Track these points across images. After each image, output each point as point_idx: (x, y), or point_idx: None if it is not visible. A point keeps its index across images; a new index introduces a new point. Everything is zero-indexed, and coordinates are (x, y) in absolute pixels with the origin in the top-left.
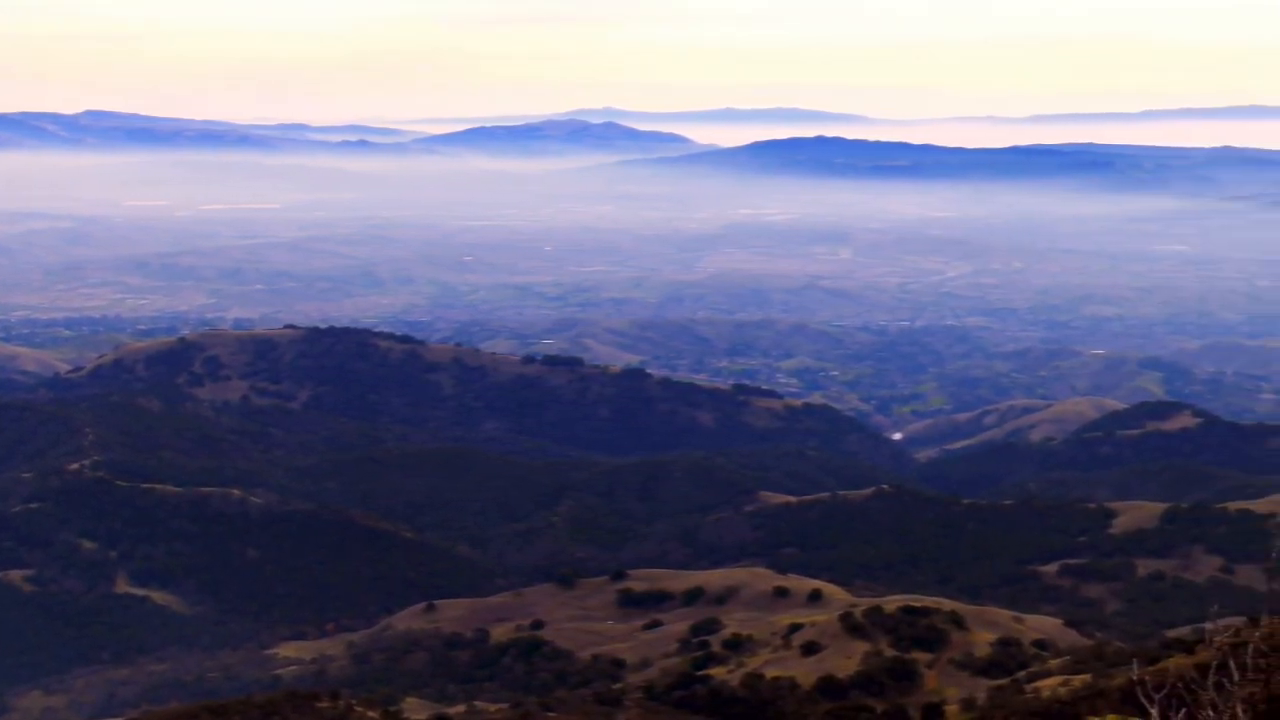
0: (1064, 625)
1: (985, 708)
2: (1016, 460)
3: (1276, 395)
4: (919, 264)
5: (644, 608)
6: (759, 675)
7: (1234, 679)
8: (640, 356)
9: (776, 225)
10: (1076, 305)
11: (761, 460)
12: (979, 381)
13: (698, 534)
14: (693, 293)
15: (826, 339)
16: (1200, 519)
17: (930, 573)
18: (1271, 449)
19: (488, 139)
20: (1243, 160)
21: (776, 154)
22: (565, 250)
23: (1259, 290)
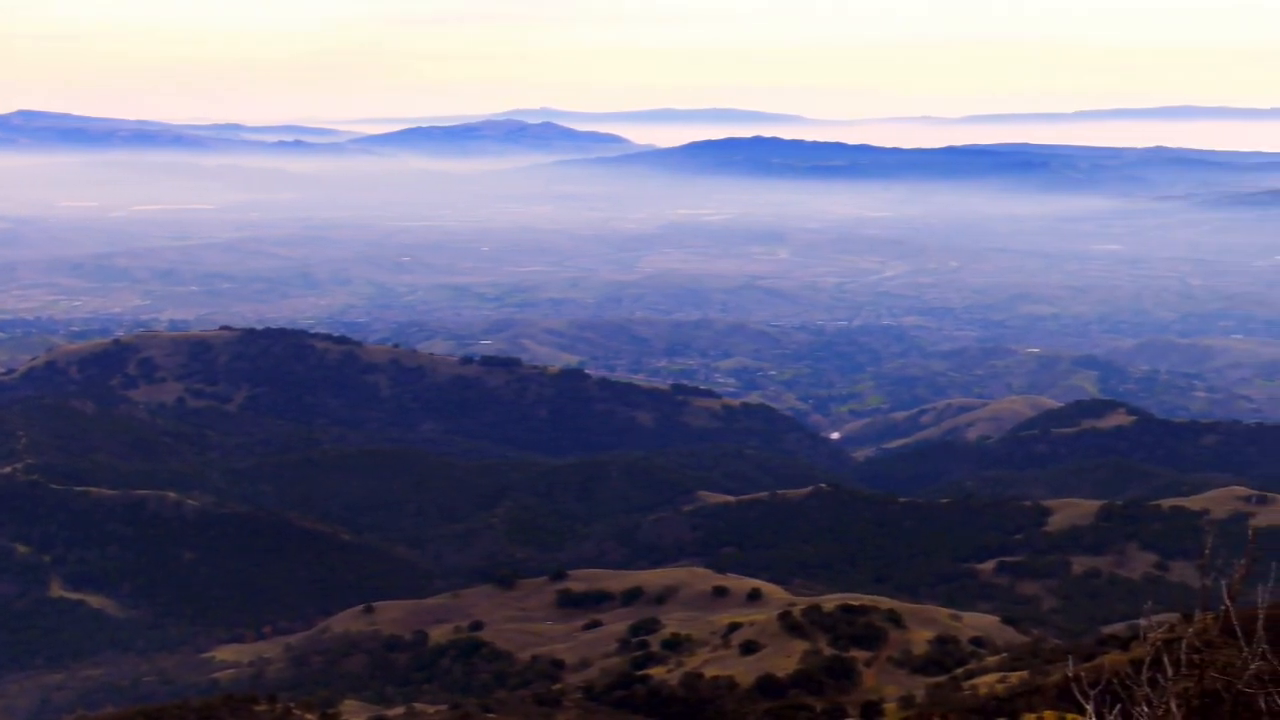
0: (1001, 622)
1: (923, 705)
2: (953, 459)
3: (1209, 393)
4: (856, 264)
5: (583, 608)
6: (698, 675)
7: (1168, 675)
8: (578, 357)
9: (714, 225)
10: (1012, 304)
11: (700, 460)
12: (916, 381)
13: (636, 534)
14: (631, 293)
15: (764, 339)
16: (1135, 516)
17: (868, 571)
18: (1205, 446)
19: (425, 139)
20: (1174, 160)
21: (714, 154)
22: (503, 250)
23: (1191, 289)
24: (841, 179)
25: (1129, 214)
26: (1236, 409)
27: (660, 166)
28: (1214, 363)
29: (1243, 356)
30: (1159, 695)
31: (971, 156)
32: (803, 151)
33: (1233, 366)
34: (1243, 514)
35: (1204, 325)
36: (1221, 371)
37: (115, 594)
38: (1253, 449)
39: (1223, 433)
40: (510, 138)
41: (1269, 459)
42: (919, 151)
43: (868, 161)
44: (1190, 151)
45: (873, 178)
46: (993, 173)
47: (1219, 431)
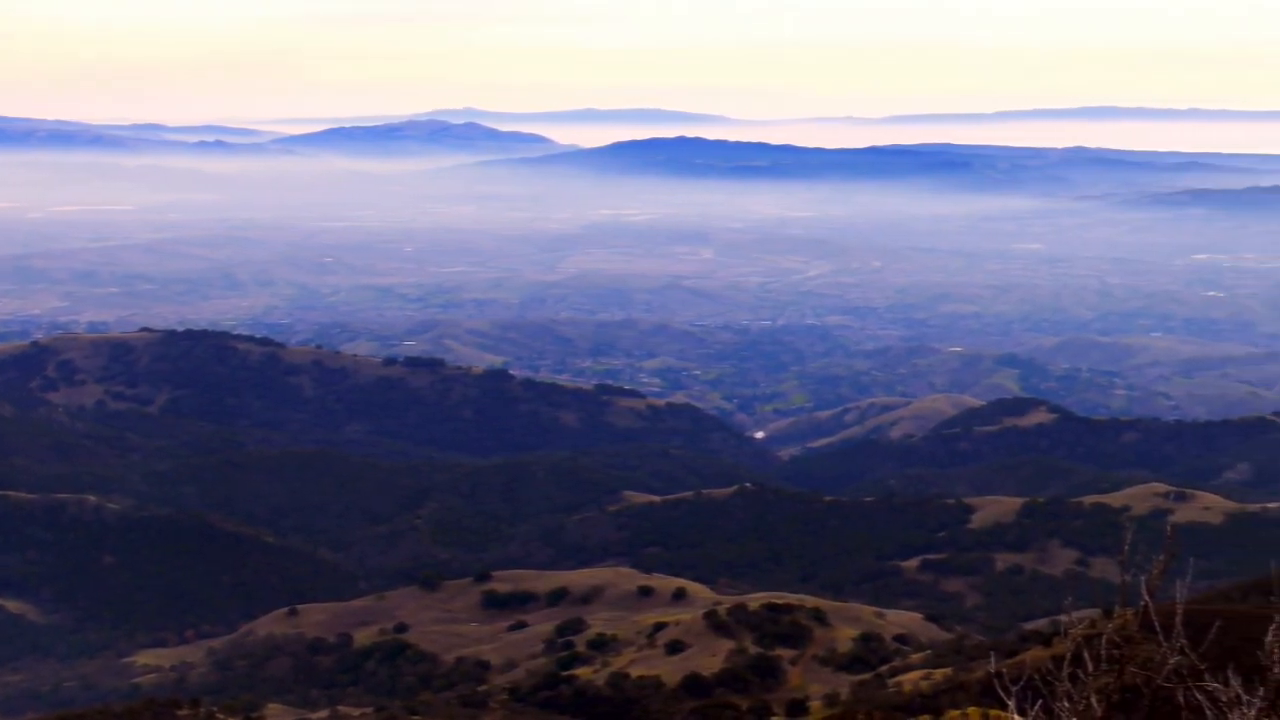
0: (925, 620)
1: (848, 703)
2: (877, 457)
3: (1129, 391)
4: (779, 263)
5: (508, 609)
6: (624, 674)
7: (1089, 670)
8: (503, 357)
9: (638, 225)
10: (934, 303)
11: (625, 460)
12: (840, 380)
13: (562, 534)
14: (555, 293)
15: (689, 338)
16: (1056, 513)
17: (793, 570)
18: (1125, 443)
19: (347, 139)
20: (1094, 160)
21: (637, 154)
22: (426, 251)
23: (1111, 288)
24: (765, 179)
25: (1049, 213)
26: (1156, 406)
27: (584, 166)
28: (1133, 361)
29: (1161, 354)
30: (1080, 691)
31: (894, 156)
32: (726, 151)
33: (1152, 364)
34: (1162, 510)
35: (1123, 324)
36: (1141, 369)
37: (35, 599)
38: (1171, 446)
39: (1142, 430)
40: (433, 138)
41: (1188, 456)
42: (842, 151)
43: (791, 161)
44: (1109, 152)
45: (796, 178)
46: (915, 173)
47: (1139, 429)
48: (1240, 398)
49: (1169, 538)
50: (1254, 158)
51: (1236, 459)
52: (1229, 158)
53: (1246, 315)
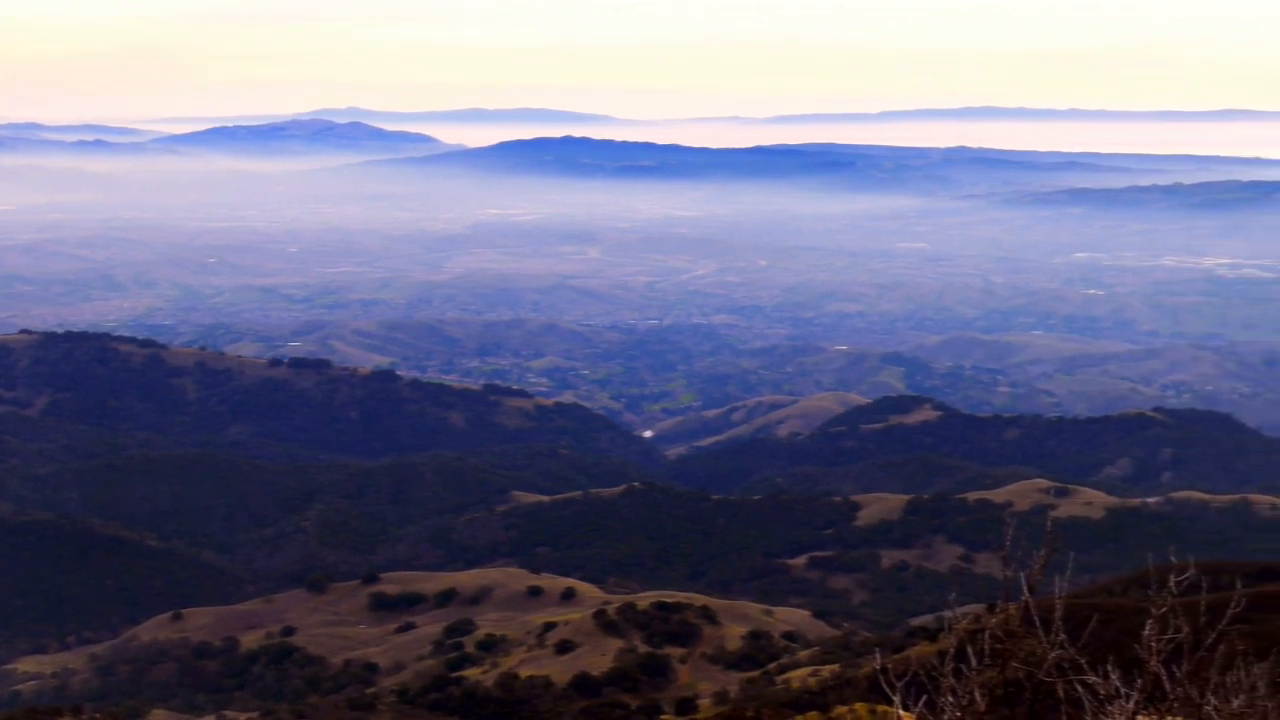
0: (812, 617)
1: (737, 700)
2: (764, 455)
3: (1012, 388)
4: (666, 263)
5: (397, 610)
6: (514, 675)
7: (972, 665)
8: (389, 358)
9: (525, 225)
10: (820, 302)
11: (514, 460)
12: (727, 378)
13: (450, 535)
14: (442, 293)
15: (576, 338)
16: (941, 509)
17: (682, 568)
18: (1008, 440)
19: (230, 139)
20: (976, 160)
21: (523, 154)
22: (311, 251)
23: (994, 286)
24: (651, 179)
25: (932, 212)
26: (1038, 403)
27: (470, 166)
28: (1015, 358)
29: (1043, 352)
30: (963, 685)
31: (779, 156)
32: (612, 151)
33: (1033, 362)
34: (1044, 506)
35: (1006, 321)
36: (1023, 367)
37: None
38: (1053, 442)
39: (1025, 427)
40: (318, 137)
41: (1069, 452)
42: (727, 151)
43: (677, 161)
44: (991, 151)
45: (682, 177)
46: (800, 172)
47: (1021, 425)
48: (1120, 394)
49: (1050, 533)
50: (1132, 158)
51: (1117, 455)
52: (1107, 158)
53: (1126, 313)
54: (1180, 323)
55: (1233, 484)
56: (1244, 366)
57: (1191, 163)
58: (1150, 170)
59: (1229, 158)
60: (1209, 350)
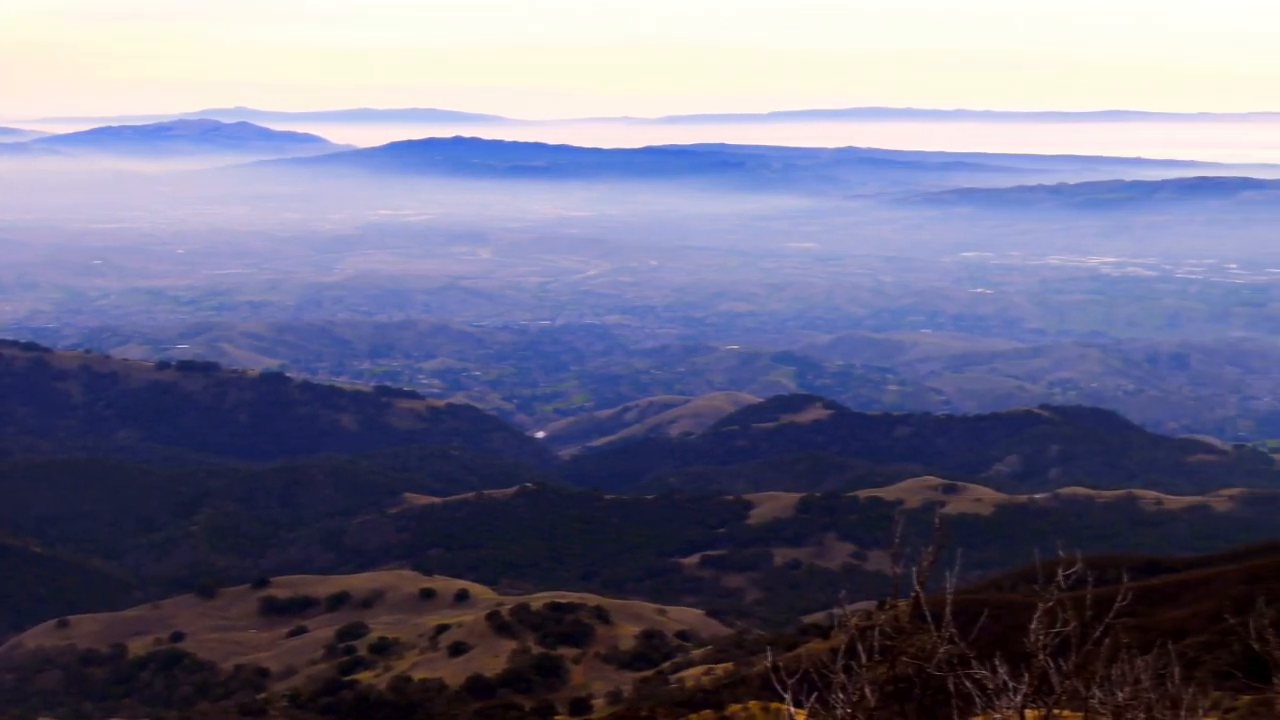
0: (706, 615)
1: (631, 700)
2: (657, 455)
3: (901, 386)
4: (558, 263)
5: (288, 615)
6: (407, 678)
7: (863, 661)
8: (279, 360)
9: (415, 226)
10: (712, 302)
11: (405, 461)
12: (619, 379)
13: (342, 538)
14: (332, 294)
15: (468, 339)
16: (833, 507)
17: (575, 569)
18: (898, 438)
19: (114, 139)
20: (865, 160)
21: (414, 154)
22: (199, 253)
23: (883, 285)
24: (542, 179)
25: (822, 212)
26: (927, 401)
27: (360, 167)
28: (905, 356)
29: (932, 350)
30: (854, 682)
31: (669, 157)
32: (503, 152)
33: (923, 360)
34: (934, 503)
35: (895, 320)
36: (912, 365)
37: None
38: (943, 440)
39: (914, 424)
40: (204, 137)
41: (958, 449)
42: (618, 152)
43: (568, 162)
44: (879, 152)
45: (573, 178)
46: (690, 172)
47: (911, 423)
48: (1008, 392)
49: (939, 530)
50: (1018, 158)
51: (1005, 451)
52: (994, 158)
53: (1013, 311)
54: (1066, 321)
55: (1118, 479)
56: (1128, 364)
57: (1076, 163)
58: (1036, 170)
59: (1112, 158)
60: (1094, 348)
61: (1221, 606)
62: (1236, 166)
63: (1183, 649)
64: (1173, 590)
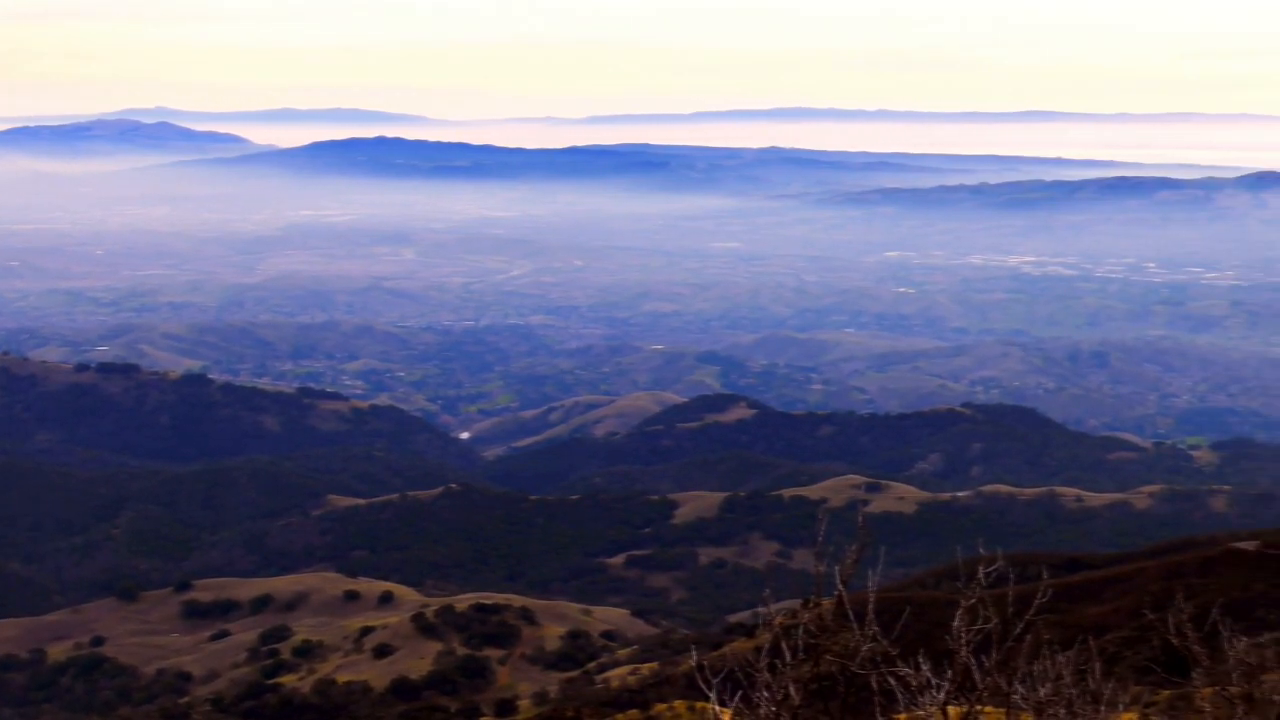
0: (631, 615)
1: (557, 701)
2: (582, 455)
3: (825, 385)
4: (482, 264)
5: (210, 618)
6: (331, 681)
7: (787, 660)
8: (201, 362)
9: (338, 226)
10: (636, 302)
11: (329, 463)
12: (544, 379)
13: (265, 540)
14: (254, 295)
15: (392, 340)
16: (757, 506)
17: (500, 569)
18: (822, 437)
19: (32, 139)
20: (788, 160)
21: (336, 154)
22: (119, 254)
23: (806, 285)
24: (465, 179)
25: (746, 212)
26: (851, 400)
27: (281, 167)
28: (829, 356)
29: (855, 350)
30: (779, 680)
31: (593, 157)
32: (426, 152)
33: (846, 359)
34: (858, 501)
35: (819, 320)
36: (836, 364)
37: None
38: (866, 439)
39: (838, 423)
40: (124, 138)
41: (882, 448)
42: (542, 152)
43: (491, 162)
44: (803, 151)
45: (496, 178)
46: (614, 173)
47: (835, 422)
48: (931, 390)
49: (861, 528)
50: (940, 158)
51: (928, 450)
52: (916, 158)
53: (935, 310)
54: (988, 319)
55: (1040, 477)
56: (1049, 362)
57: (997, 163)
58: (958, 170)
59: (1033, 158)
60: (1016, 346)
61: (1141, 602)
62: (1155, 167)
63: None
64: (1093, 587)
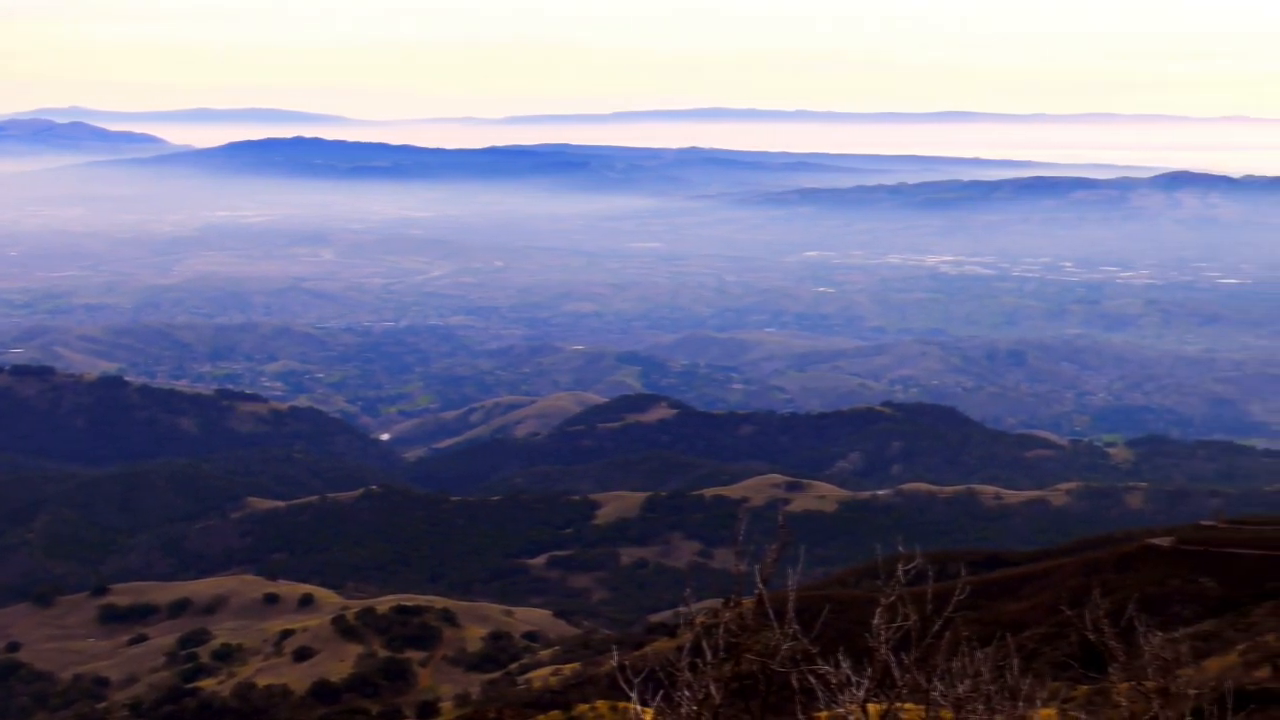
0: (553, 616)
1: (479, 702)
2: (503, 456)
3: (746, 385)
4: (401, 264)
5: (128, 622)
6: (251, 684)
7: (707, 659)
8: (117, 364)
9: (256, 227)
10: (557, 302)
11: (248, 465)
12: (465, 380)
13: (183, 543)
14: (171, 296)
15: (311, 341)
16: (679, 506)
17: (422, 571)
18: (743, 436)
19: None
20: (708, 160)
21: (254, 154)
22: (33, 256)
23: (726, 285)
24: (385, 179)
25: (666, 213)
26: (771, 400)
27: (198, 167)
28: (749, 356)
29: (776, 349)
30: (700, 679)
31: (513, 157)
32: (345, 152)
33: (767, 359)
34: (779, 500)
35: (739, 320)
36: (757, 364)
37: None
38: (787, 438)
39: (759, 423)
40: (37, 137)
41: (802, 447)
42: (461, 152)
43: (410, 162)
44: (723, 152)
45: (416, 178)
46: (534, 173)
47: (755, 421)
48: (850, 389)
49: (782, 527)
50: (858, 158)
51: (848, 449)
52: (835, 158)
53: (855, 310)
54: (906, 319)
55: (959, 475)
56: (967, 361)
57: (915, 163)
58: (876, 170)
59: (950, 158)
60: (934, 345)
61: (1059, 598)
62: (1071, 167)
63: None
64: (1012, 584)
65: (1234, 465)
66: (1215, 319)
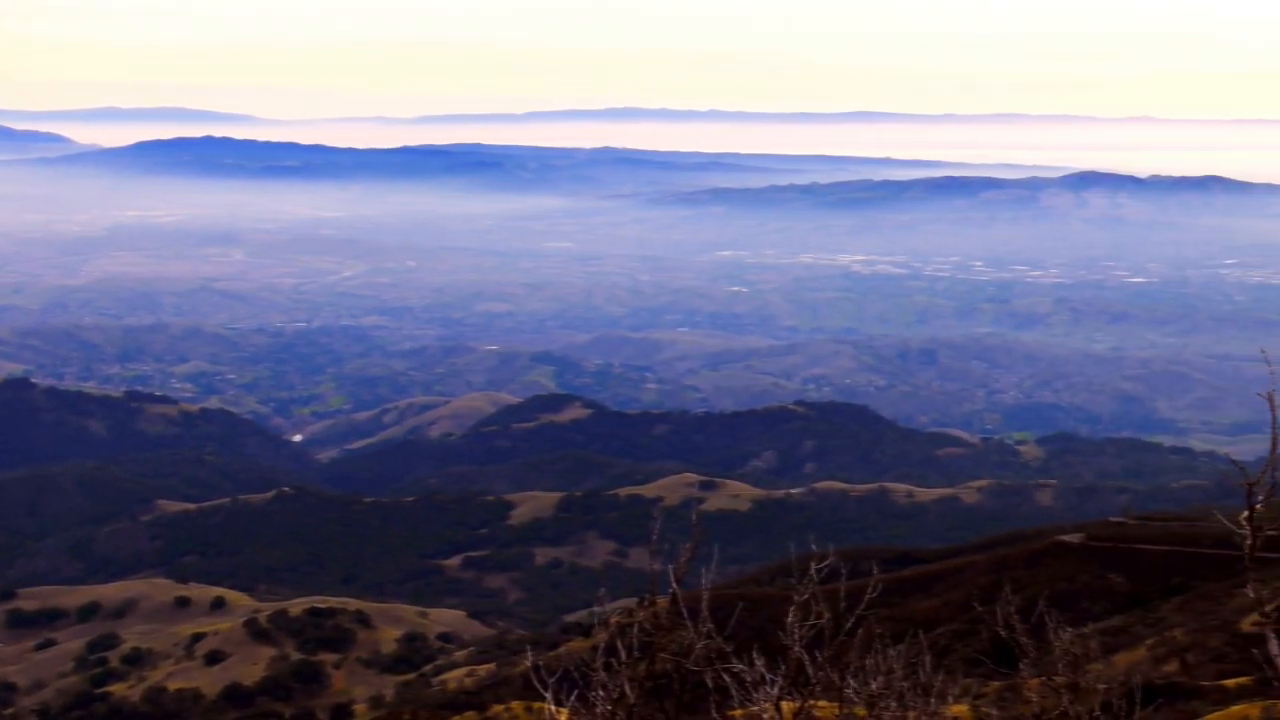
0: (468, 617)
1: (393, 704)
2: (417, 457)
3: (660, 384)
4: (313, 264)
5: (35, 627)
6: (162, 688)
7: (622, 658)
8: (23, 365)
9: (165, 227)
10: (470, 302)
11: (158, 467)
12: (378, 380)
13: (92, 547)
14: (78, 297)
15: (222, 342)
16: (593, 506)
17: (335, 572)
18: (657, 435)
19: None
20: (621, 160)
21: (162, 154)
22: None
23: (640, 284)
24: (296, 179)
25: (579, 212)
26: (685, 399)
27: (106, 167)
28: (663, 355)
29: (689, 349)
30: (614, 679)
31: (425, 156)
32: (255, 151)
33: (680, 358)
34: (693, 499)
35: (653, 319)
36: (670, 363)
37: None
38: (701, 437)
39: (673, 422)
40: None
41: (716, 446)
42: (373, 152)
43: (322, 162)
44: (635, 152)
45: (327, 178)
46: (446, 172)
47: (670, 421)
48: (764, 389)
49: (696, 526)
50: (770, 158)
51: (761, 447)
52: (747, 158)
53: (768, 309)
54: (819, 318)
55: (871, 473)
56: (879, 360)
57: (827, 163)
58: (788, 170)
59: (862, 158)
60: (847, 344)
61: (970, 595)
62: (980, 167)
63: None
64: (924, 580)
65: (1142, 462)
66: (1123, 317)
